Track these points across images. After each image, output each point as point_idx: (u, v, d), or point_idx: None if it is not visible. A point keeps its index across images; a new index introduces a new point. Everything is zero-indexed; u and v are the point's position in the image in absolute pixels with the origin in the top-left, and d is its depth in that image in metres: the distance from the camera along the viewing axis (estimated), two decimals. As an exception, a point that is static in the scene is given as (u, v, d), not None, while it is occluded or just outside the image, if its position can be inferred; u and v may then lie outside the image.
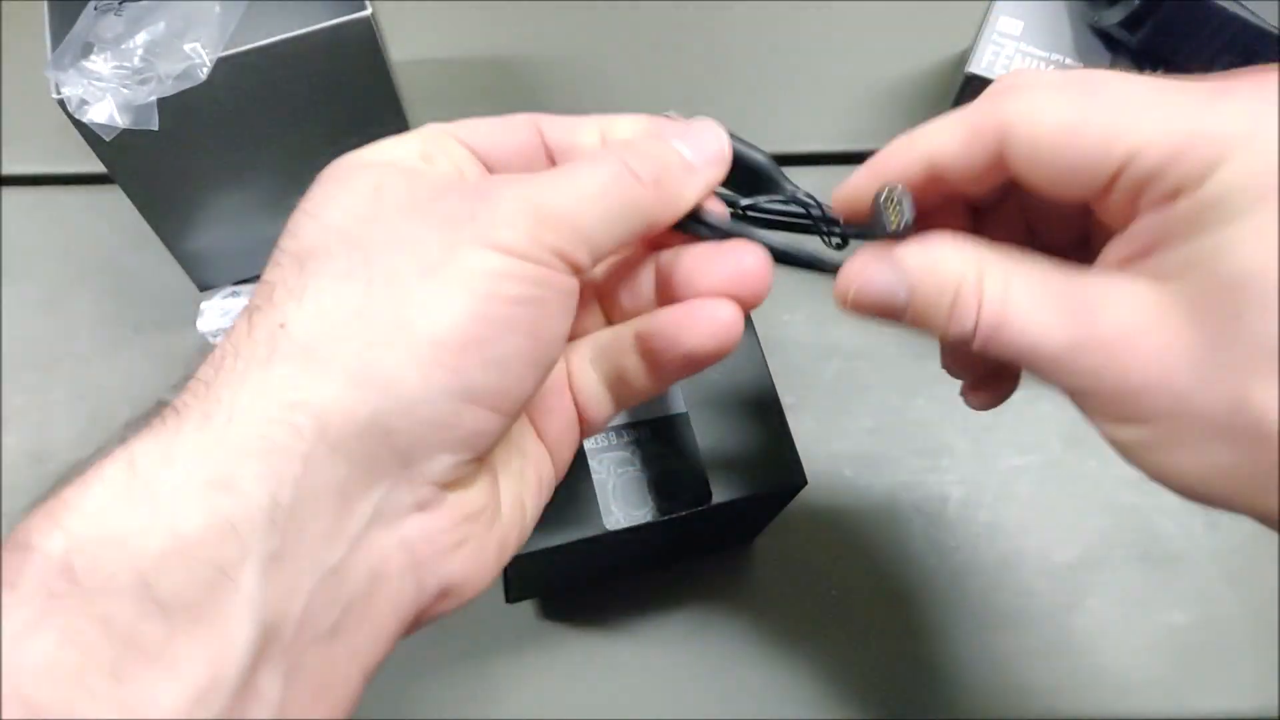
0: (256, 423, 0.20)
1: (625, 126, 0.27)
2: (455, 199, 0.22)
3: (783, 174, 0.28)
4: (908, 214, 0.24)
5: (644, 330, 0.26)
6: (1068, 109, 0.22)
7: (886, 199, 0.24)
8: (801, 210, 0.28)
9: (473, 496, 0.23)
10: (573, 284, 0.23)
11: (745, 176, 0.27)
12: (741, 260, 0.26)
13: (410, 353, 0.20)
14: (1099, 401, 0.22)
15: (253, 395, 0.20)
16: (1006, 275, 0.23)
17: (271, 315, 0.21)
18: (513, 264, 0.21)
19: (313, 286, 0.21)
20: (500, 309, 0.21)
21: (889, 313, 0.24)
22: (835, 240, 0.28)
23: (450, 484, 0.22)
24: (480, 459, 0.22)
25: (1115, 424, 0.22)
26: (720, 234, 0.26)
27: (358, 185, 0.23)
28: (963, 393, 0.30)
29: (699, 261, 0.26)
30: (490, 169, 0.26)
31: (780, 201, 0.28)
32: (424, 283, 0.21)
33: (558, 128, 0.27)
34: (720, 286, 0.26)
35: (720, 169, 0.26)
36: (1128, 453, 0.23)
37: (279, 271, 0.22)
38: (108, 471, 0.19)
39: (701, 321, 0.25)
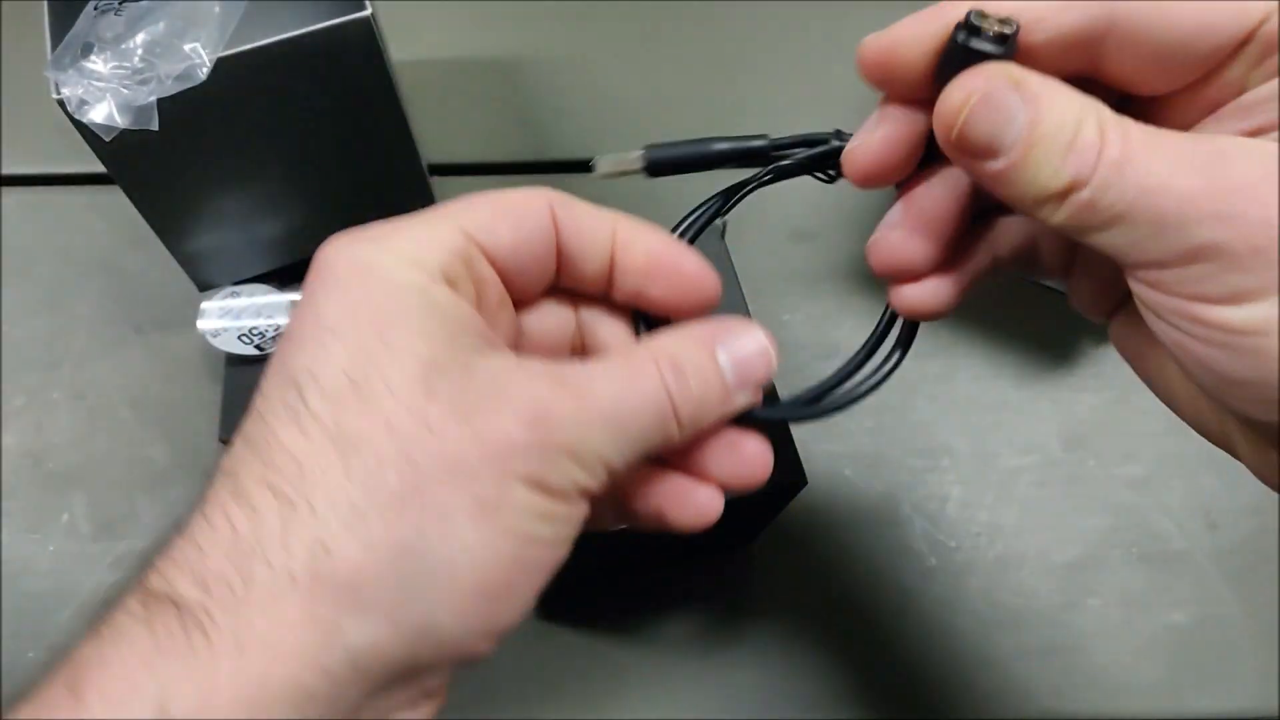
0: (294, 667, 0.19)
1: (641, 245, 0.27)
2: (508, 416, 0.21)
3: (771, 141, 0.27)
4: (1015, 24, 0.21)
5: (625, 497, 0.26)
6: None
7: (979, 15, 0.21)
8: (814, 152, 0.27)
9: (441, 692, 0.24)
10: (586, 513, 0.23)
11: (748, 161, 0.27)
12: (744, 452, 0.25)
13: (452, 600, 0.21)
14: (1224, 263, 0.19)
15: (292, 634, 0.20)
16: (1123, 122, 0.21)
17: (311, 525, 0.20)
18: (552, 506, 0.21)
19: (361, 507, 0.20)
20: (535, 553, 0.22)
21: (993, 147, 0.21)
22: (834, 174, 0.27)
23: (436, 690, 0.23)
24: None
25: (1230, 301, 0.20)
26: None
27: (402, 350, 0.21)
28: (893, 292, 0.26)
29: (702, 440, 0.25)
30: (504, 277, 0.25)
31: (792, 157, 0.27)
32: (474, 525, 0.21)
33: (572, 220, 0.26)
34: (718, 475, 0.25)
35: (757, 395, 0.25)
36: (1240, 336, 0.20)
37: (309, 446, 0.21)
38: (135, 712, 0.19)
39: (689, 506, 0.25)
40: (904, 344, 0.27)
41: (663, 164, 0.28)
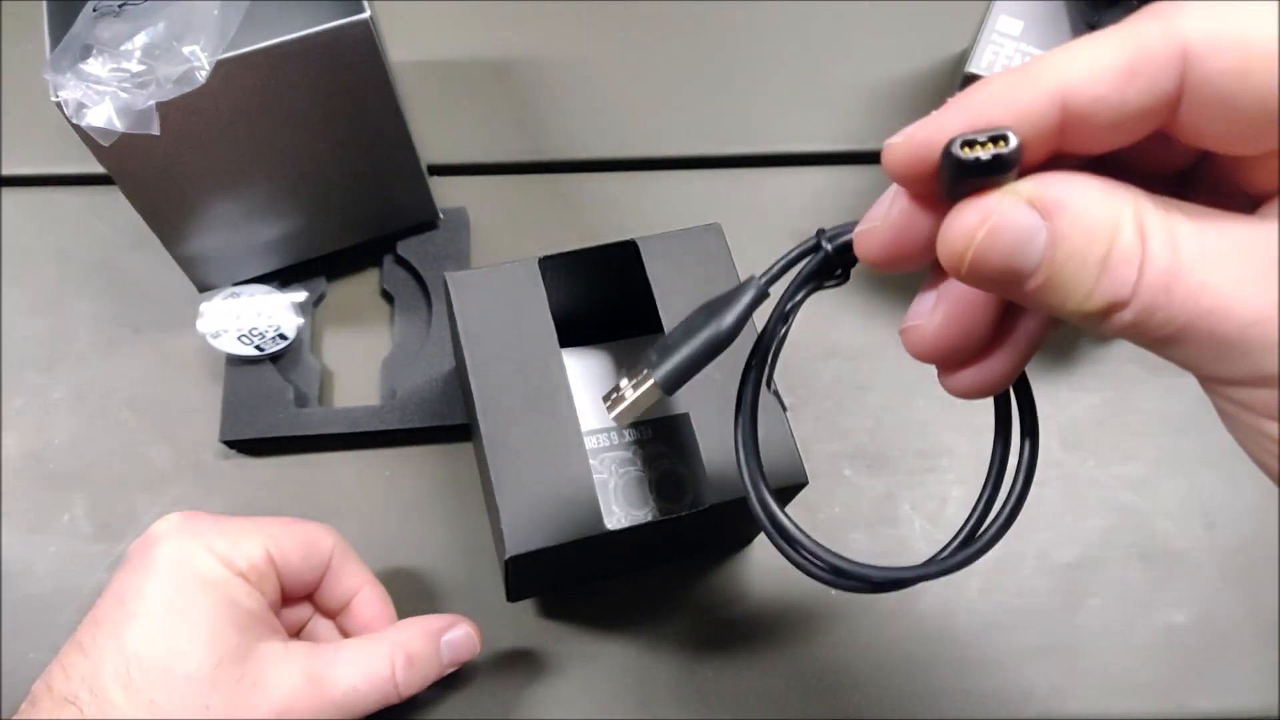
0: None
1: (367, 615, 0.39)
2: (264, 708, 0.33)
3: (762, 284, 0.25)
4: (1013, 142, 0.18)
5: None
6: (1276, 20, 0.17)
7: (965, 144, 0.18)
8: (809, 269, 0.25)
9: None
10: None
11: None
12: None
13: None
14: None
15: None
16: (1169, 220, 0.17)
17: None
18: None
19: None
20: None
21: (1013, 275, 0.18)
22: (840, 275, 0.25)
23: None
24: None
25: None
26: None
27: (203, 647, 0.32)
28: (942, 378, 0.24)
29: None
30: (283, 584, 0.37)
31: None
32: None
33: (339, 567, 0.38)
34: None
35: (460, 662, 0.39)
36: None
37: (129, 705, 0.31)
38: None
39: None
40: (1030, 432, 0.25)
41: (676, 380, 0.26)
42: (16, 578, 0.45)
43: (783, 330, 0.26)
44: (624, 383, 0.26)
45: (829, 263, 0.24)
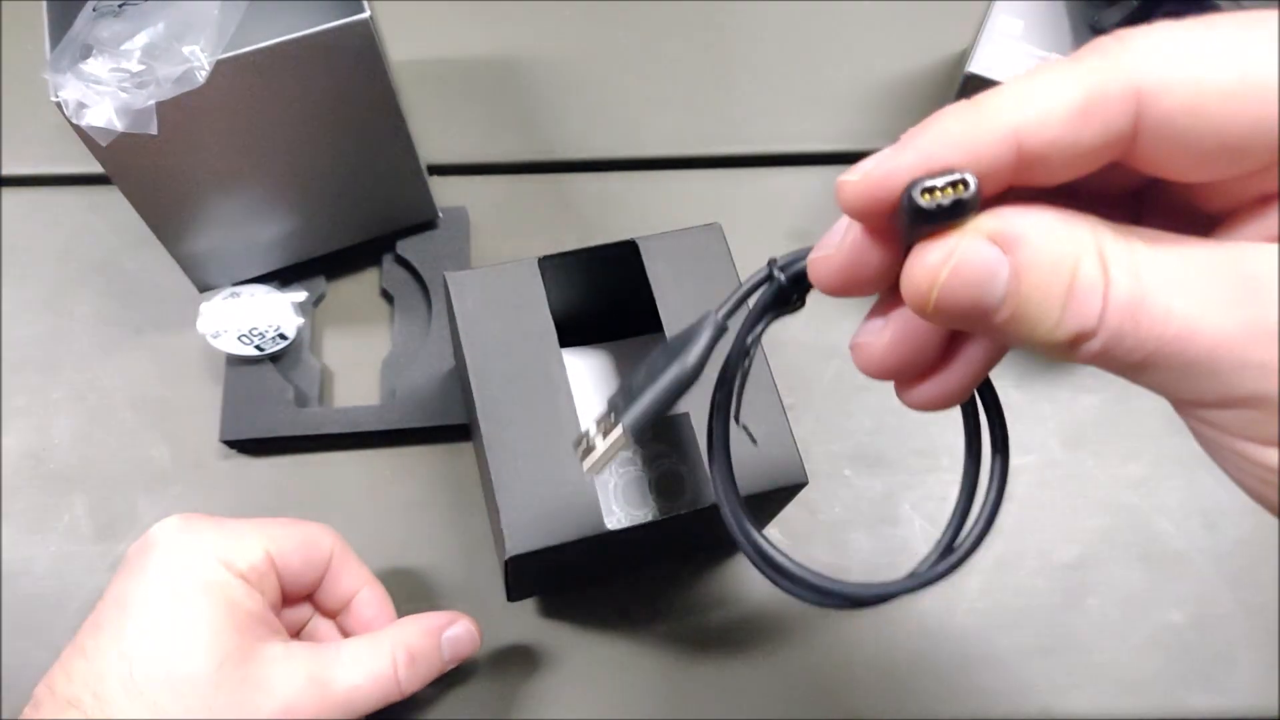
0: None
1: (368, 614, 0.39)
2: (266, 709, 0.33)
3: (721, 320, 0.25)
4: (973, 187, 0.18)
5: None
6: (1229, 57, 0.17)
7: (924, 191, 0.18)
8: (764, 299, 0.25)
9: None
10: None
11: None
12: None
13: None
14: (1268, 410, 0.17)
15: None
16: (1130, 248, 0.18)
17: None
18: None
19: None
20: None
21: (979, 312, 0.18)
22: (796, 302, 0.25)
23: None
24: None
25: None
26: None
27: (203, 648, 0.32)
28: (898, 391, 0.24)
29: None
30: (283, 584, 0.37)
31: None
32: None
33: (339, 567, 0.38)
34: None
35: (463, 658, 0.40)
36: None
37: (132, 708, 0.31)
38: None
39: None
40: (999, 442, 0.25)
41: (645, 425, 0.25)
42: (16, 578, 0.45)
43: (746, 363, 0.26)
44: (591, 431, 0.26)
45: (783, 291, 0.24)
